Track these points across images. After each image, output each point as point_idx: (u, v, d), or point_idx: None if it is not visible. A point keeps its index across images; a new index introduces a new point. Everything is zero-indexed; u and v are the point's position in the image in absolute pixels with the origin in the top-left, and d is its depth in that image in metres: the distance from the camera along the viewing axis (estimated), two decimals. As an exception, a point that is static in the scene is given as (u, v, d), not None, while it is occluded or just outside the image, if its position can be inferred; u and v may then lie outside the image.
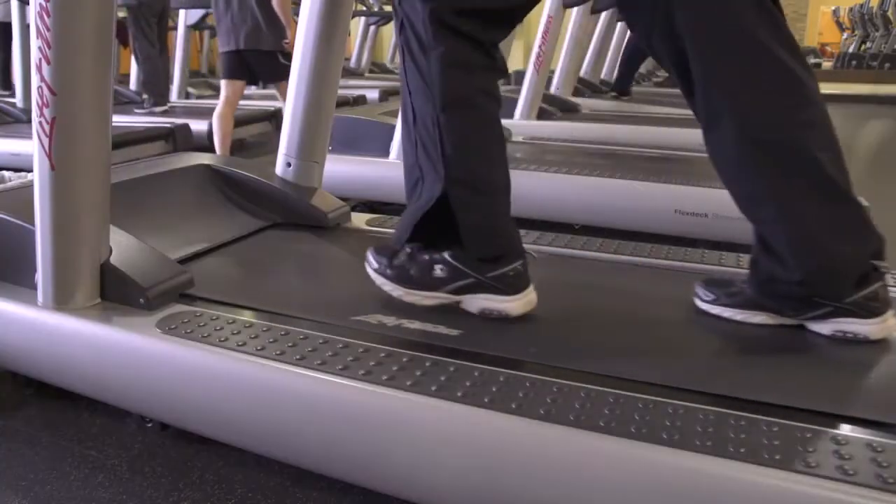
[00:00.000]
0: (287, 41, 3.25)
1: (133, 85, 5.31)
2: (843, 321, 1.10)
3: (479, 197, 1.17)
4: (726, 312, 1.19)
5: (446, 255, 1.20)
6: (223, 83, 3.36)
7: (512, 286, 1.19)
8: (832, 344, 1.13)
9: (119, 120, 3.76)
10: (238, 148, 4.28)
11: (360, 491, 1.09)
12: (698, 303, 1.24)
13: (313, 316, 1.23)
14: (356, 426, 1.00)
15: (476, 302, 1.21)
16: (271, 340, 1.12)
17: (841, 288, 1.09)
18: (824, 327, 1.12)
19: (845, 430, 0.87)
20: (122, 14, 4.41)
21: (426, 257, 1.22)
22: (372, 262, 1.28)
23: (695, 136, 3.60)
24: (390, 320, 1.18)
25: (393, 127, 2.63)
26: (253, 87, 6.12)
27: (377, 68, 8.33)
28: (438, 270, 1.20)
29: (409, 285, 1.23)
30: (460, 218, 1.17)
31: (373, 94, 5.62)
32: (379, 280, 1.26)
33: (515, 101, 3.74)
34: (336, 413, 1.01)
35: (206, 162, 1.89)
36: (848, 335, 1.11)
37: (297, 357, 1.06)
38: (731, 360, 1.13)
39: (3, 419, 1.34)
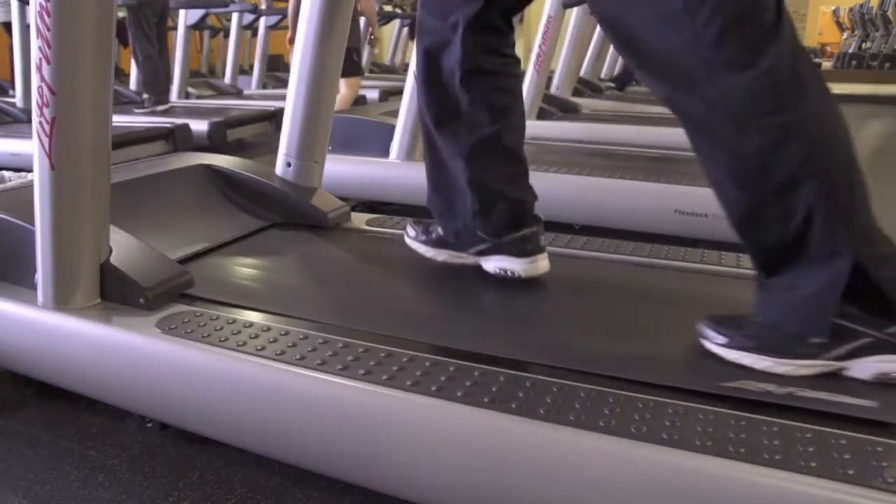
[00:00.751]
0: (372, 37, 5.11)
1: (133, 85, 5.31)
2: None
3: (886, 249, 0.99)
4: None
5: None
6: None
7: None
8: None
9: (119, 120, 3.75)
10: (238, 148, 4.28)
11: (360, 491, 1.09)
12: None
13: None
14: (356, 426, 1.00)
15: (869, 366, 1.00)
16: (271, 340, 1.12)
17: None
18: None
19: (845, 429, 0.87)
20: (121, 14, 4.41)
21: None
22: (716, 337, 1.08)
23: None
24: (773, 387, 0.98)
25: (393, 127, 2.63)
26: (254, 88, 6.17)
27: (377, 68, 8.33)
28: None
29: (777, 354, 1.02)
30: (882, 279, 0.97)
31: (373, 94, 5.61)
32: (733, 355, 1.05)
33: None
34: (336, 413, 1.01)
35: (206, 162, 1.89)
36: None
37: (297, 357, 1.06)
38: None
39: (3, 419, 1.34)
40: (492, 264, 1.40)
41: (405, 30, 8.45)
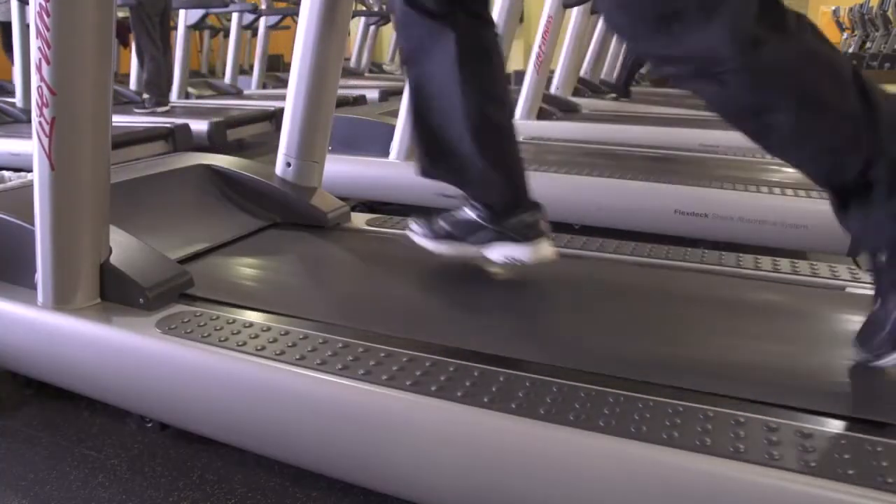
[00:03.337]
0: None
1: (133, 85, 5.31)
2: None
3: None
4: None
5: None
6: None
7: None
8: (829, 343, 1.14)
9: (119, 120, 3.75)
10: (238, 148, 4.28)
11: (360, 491, 1.09)
12: (412, 236, 1.53)
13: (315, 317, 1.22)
14: (356, 426, 1.00)
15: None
16: (271, 340, 1.12)
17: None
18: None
19: (845, 429, 0.87)
20: (122, 14, 4.41)
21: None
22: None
23: (695, 135, 3.61)
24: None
25: (393, 127, 2.63)
26: (254, 88, 6.17)
27: (377, 68, 8.33)
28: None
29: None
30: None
31: (373, 94, 5.62)
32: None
33: (515, 102, 3.75)
34: (336, 413, 1.01)
35: (206, 162, 1.89)
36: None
37: (297, 357, 1.06)
38: (733, 359, 1.13)
39: (3, 419, 1.34)
40: (496, 252, 1.43)
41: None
